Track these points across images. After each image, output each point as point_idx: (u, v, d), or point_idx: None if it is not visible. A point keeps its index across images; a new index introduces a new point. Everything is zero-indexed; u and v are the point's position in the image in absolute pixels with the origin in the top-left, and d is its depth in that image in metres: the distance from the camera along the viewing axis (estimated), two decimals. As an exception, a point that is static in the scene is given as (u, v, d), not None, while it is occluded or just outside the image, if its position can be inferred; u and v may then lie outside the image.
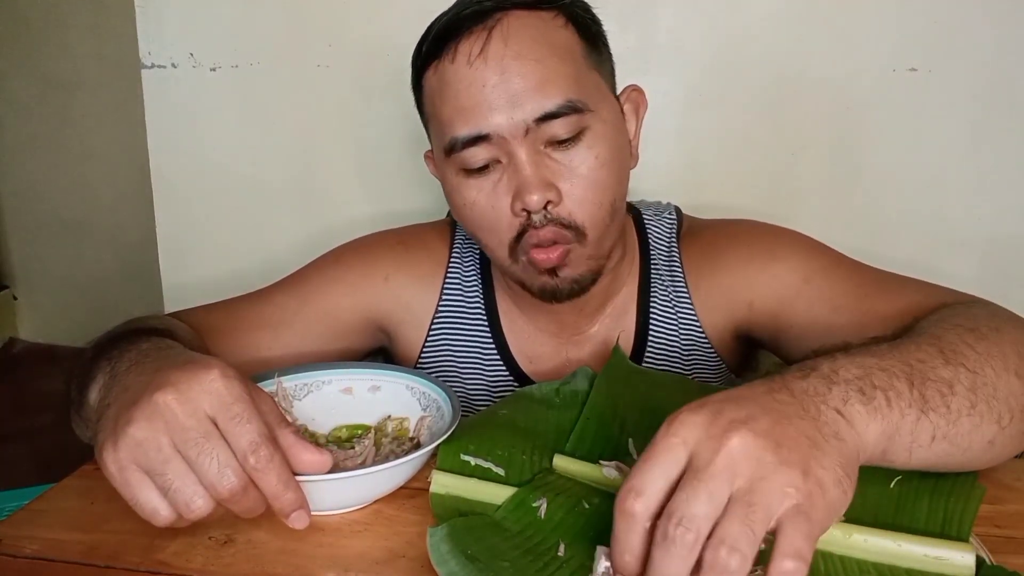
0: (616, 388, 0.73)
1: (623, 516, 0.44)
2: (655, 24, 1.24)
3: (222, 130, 1.40)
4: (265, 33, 1.34)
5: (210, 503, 0.52)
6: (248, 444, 0.51)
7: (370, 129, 1.35)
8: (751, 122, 1.26)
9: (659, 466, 0.44)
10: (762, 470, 0.42)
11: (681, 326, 0.87)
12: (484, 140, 0.72)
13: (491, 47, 0.70)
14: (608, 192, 0.75)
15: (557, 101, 0.71)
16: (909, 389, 0.51)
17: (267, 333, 0.84)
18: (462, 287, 0.90)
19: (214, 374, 0.52)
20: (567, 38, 0.74)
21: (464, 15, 0.72)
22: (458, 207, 0.78)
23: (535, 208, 0.72)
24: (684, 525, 0.41)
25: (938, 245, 1.26)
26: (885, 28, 1.20)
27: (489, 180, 0.74)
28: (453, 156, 0.74)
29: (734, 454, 0.43)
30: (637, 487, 0.44)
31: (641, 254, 0.89)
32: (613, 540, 0.45)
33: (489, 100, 0.70)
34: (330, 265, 0.89)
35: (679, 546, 0.41)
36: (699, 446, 0.44)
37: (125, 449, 0.51)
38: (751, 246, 0.84)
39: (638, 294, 0.88)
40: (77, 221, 2.77)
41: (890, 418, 0.49)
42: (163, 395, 0.51)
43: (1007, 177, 1.22)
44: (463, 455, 0.65)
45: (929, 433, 0.51)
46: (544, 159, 0.72)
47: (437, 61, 0.74)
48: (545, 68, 0.71)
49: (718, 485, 0.42)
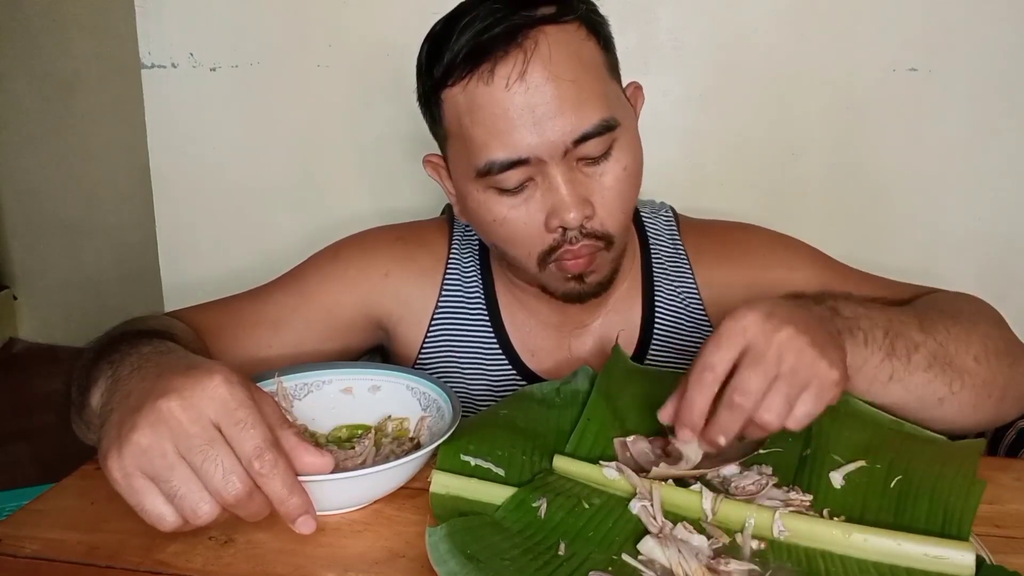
0: (616, 388, 0.73)
1: (699, 384, 0.57)
2: (655, 24, 1.24)
3: (222, 130, 1.40)
4: (265, 33, 1.34)
5: (216, 509, 0.52)
6: (253, 449, 0.52)
7: (370, 129, 1.35)
8: (751, 122, 1.26)
9: (726, 349, 0.57)
10: (802, 357, 0.57)
11: (687, 316, 0.88)
12: (521, 164, 0.72)
13: (530, 71, 0.70)
14: (632, 200, 0.77)
15: (593, 122, 0.72)
16: (883, 337, 0.66)
17: (266, 331, 0.84)
18: (462, 282, 0.90)
19: (217, 380, 0.53)
20: (592, 51, 0.74)
21: (494, 35, 0.71)
22: (485, 223, 0.77)
23: (574, 225, 0.73)
24: (746, 396, 0.56)
25: (938, 245, 1.26)
26: (885, 28, 1.20)
27: (521, 198, 0.74)
28: (485, 177, 0.73)
29: (783, 343, 0.56)
30: (711, 364, 0.57)
31: (641, 248, 0.90)
32: (685, 402, 0.58)
33: (528, 124, 0.71)
34: (328, 262, 0.89)
35: (739, 410, 0.56)
36: (755, 336, 0.57)
37: (130, 456, 0.51)
38: (770, 253, 0.88)
39: (642, 286, 0.89)
40: (77, 221, 2.77)
41: (863, 354, 0.65)
42: (167, 402, 0.51)
43: (1007, 177, 1.22)
44: (463, 455, 0.65)
45: (887, 373, 0.66)
46: (577, 175, 0.73)
47: (467, 80, 0.72)
48: (580, 89, 0.71)
49: (770, 368, 0.56)
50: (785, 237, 0.90)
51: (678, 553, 0.52)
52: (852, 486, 0.61)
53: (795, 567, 0.53)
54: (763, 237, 0.90)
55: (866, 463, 0.63)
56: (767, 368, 0.56)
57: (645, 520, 0.57)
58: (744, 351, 0.57)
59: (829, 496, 0.60)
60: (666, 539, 0.54)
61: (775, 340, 0.56)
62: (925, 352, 0.68)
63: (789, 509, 0.57)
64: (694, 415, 0.57)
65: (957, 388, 0.68)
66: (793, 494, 0.60)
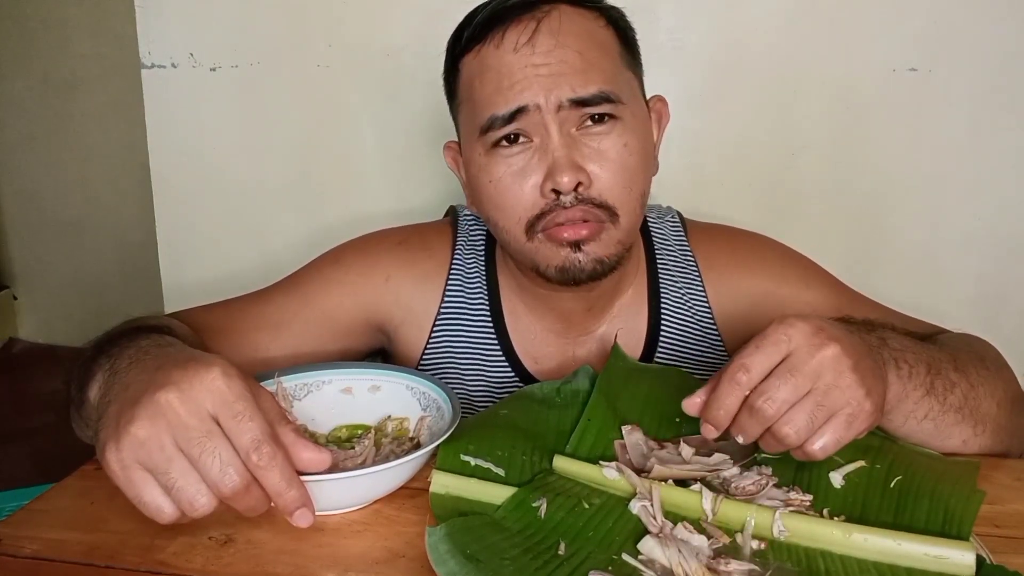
0: (616, 388, 0.73)
1: (730, 383, 0.57)
2: (655, 24, 1.24)
3: (222, 130, 1.40)
4: (265, 33, 1.34)
5: (213, 501, 0.52)
6: (250, 442, 0.52)
7: (369, 129, 1.35)
8: (751, 122, 1.26)
9: (766, 354, 0.56)
10: (840, 380, 0.56)
11: (695, 325, 0.88)
12: (520, 114, 0.74)
13: (539, 36, 0.74)
14: (637, 180, 0.77)
15: (592, 89, 0.74)
16: (926, 373, 0.65)
17: (266, 334, 0.84)
18: (465, 287, 0.90)
19: (215, 372, 0.52)
20: (607, 37, 0.78)
21: (513, 4, 0.75)
22: (481, 186, 0.78)
23: (566, 189, 0.73)
24: (770, 403, 0.55)
25: (938, 245, 1.26)
26: (885, 28, 1.20)
27: (519, 158, 0.75)
28: (487, 134, 0.76)
29: (825, 361, 0.55)
30: (747, 365, 0.56)
31: (646, 254, 0.89)
32: (714, 398, 0.57)
33: (529, 79, 0.73)
34: (330, 265, 0.89)
35: (761, 416, 0.56)
36: (799, 346, 0.56)
37: (128, 448, 0.51)
38: (785, 267, 0.88)
39: (648, 293, 0.88)
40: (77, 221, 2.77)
41: (905, 388, 0.64)
42: (165, 394, 0.51)
43: (1007, 177, 1.22)
44: (463, 455, 0.65)
45: (924, 411, 0.66)
46: (576, 143, 0.74)
47: (480, 45, 0.76)
48: (585, 59, 0.74)
49: (804, 382, 0.55)
50: (797, 253, 0.90)
51: (678, 553, 0.52)
52: (852, 486, 0.61)
53: (795, 567, 0.53)
54: (777, 250, 0.90)
55: (866, 463, 0.63)
56: (801, 380, 0.55)
57: (645, 520, 0.57)
58: (784, 358, 0.56)
59: (829, 496, 0.60)
60: (666, 539, 0.54)
61: (817, 355, 0.55)
62: (959, 393, 0.67)
63: (789, 509, 0.57)
64: (720, 413, 0.58)
65: (980, 432, 0.68)
66: (793, 494, 0.60)
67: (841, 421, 0.56)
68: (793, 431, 0.55)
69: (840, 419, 0.56)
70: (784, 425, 0.55)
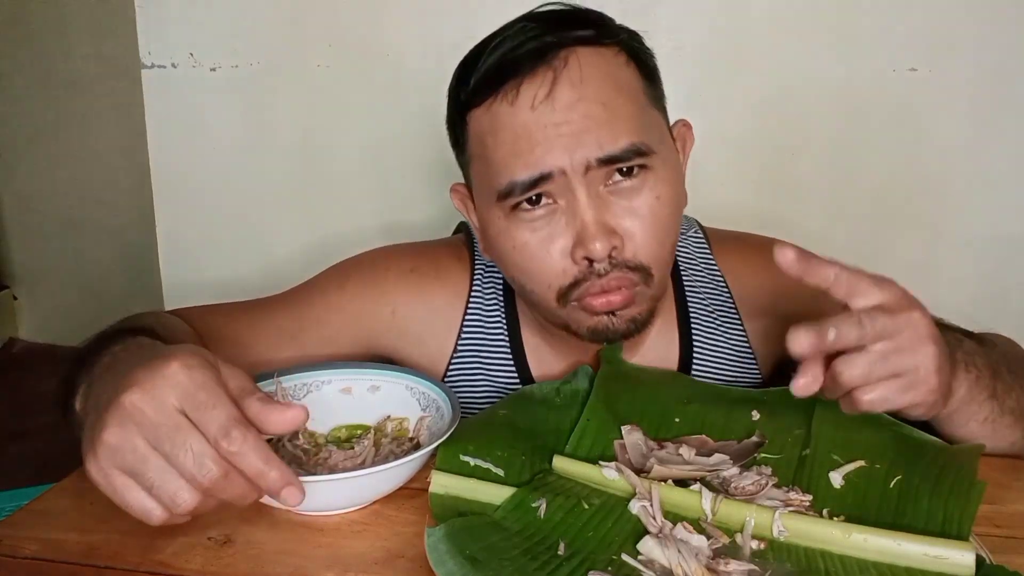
0: (616, 388, 0.73)
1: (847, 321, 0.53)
2: (655, 24, 1.23)
3: (222, 130, 1.40)
4: (265, 33, 1.34)
5: (195, 495, 0.50)
6: (218, 429, 0.50)
7: (369, 129, 1.35)
8: (751, 122, 1.26)
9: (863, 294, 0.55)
10: (915, 344, 0.55)
11: (725, 341, 0.84)
12: (543, 181, 0.68)
13: (557, 90, 0.67)
14: (670, 232, 0.73)
15: (623, 144, 0.68)
16: (990, 377, 0.66)
17: (263, 350, 0.82)
18: (484, 321, 0.85)
19: (175, 366, 0.51)
20: (630, 77, 0.72)
21: (524, 52, 0.68)
22: (504, 250, 0.73)
23: (600, 257, 0.68)
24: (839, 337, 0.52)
25: (938, 245, 1.26)
26: (885, 28, 1.20)
27: (543, 222, 0.70)
28: (506, 200, 0.70)
29: (910, 321, 0.55)
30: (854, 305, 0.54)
31: (673, 276, 0.84)
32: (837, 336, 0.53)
33: (551, 140, 0.67)
34: (335, 290, 0.85)
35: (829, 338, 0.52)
36: (890, 300, 0.55)
37: (104, 456, 0.50)
38: None
39: (678, 318, 0.84)
40: (77, 221, 2.77)
41: (972, 391, 0.64)
42: (129, 396, 0.50)
43: (1007, 177, 1.22)
44: (463, 456, 0.64)
45: (985, 414, 0.66)
46: (604, 202, 0.69)
47: (492, 100, 0.70)
48: (610, 110, 0.68)
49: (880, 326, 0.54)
50: None
51: (678, 553, 0.52)
52: (852, 486, 0.61)
53: (795, 567, 0.53)
54: None
55: (866, 463, 0.63)
56: (878, 327, 0.53)
57: (645, 520, 0.57)
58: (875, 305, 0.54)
59: (829, 496, 0.60)
60: (666, 539, 0.54)
61: (904, 315, 0.55)
62: (1016, 396, 0.68)
63: (789, 509, 0.57)
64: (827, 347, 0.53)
65: None
66: (793, 494, 0.59)
67: (900, 384, 0.55)
68: (846, 370, 0.54)
69: (900, 381, 0.55)
70: (843, 363, 0.54)
